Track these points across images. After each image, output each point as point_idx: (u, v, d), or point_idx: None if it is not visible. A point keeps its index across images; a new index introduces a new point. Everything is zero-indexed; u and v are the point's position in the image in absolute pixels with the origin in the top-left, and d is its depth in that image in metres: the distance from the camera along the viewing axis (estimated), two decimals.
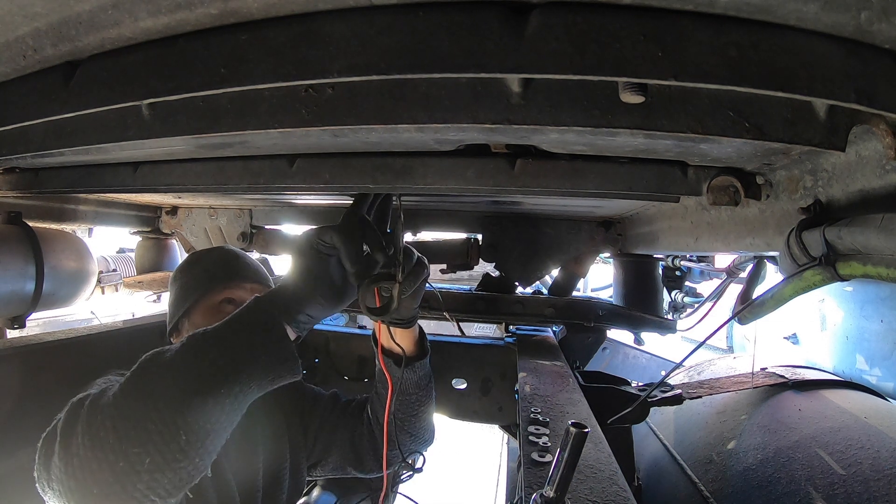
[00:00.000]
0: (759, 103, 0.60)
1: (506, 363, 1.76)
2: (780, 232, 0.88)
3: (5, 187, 1.35)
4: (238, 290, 1.15)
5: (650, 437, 1.65)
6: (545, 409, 1.02)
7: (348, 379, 1.83)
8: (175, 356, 0.74)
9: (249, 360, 0.75)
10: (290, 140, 0.86)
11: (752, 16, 0.49)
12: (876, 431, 1.14)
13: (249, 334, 0.78)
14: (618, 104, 0.58)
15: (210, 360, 0.73)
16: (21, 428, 1.09)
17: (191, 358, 0.74)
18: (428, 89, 0.62)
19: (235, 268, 1.19)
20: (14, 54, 0.70)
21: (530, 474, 0.75)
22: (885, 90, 0.53)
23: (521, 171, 0.91)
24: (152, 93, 0.65)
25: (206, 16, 0.58)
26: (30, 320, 1.46)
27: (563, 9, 0.50)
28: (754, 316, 0.98)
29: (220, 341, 0.76)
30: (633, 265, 1.89)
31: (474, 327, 2.45)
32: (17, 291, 1.37)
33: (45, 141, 0.87)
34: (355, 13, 0.55)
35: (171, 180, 1.13)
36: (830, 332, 2.19)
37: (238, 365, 0.74)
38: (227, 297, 1.14)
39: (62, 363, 1.20)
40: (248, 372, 0.74)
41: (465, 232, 1.92)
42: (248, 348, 0.76)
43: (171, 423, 0.68)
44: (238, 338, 0.77)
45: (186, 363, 0.73)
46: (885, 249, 0.63)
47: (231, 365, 0.74)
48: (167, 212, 2.20)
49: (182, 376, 0.71)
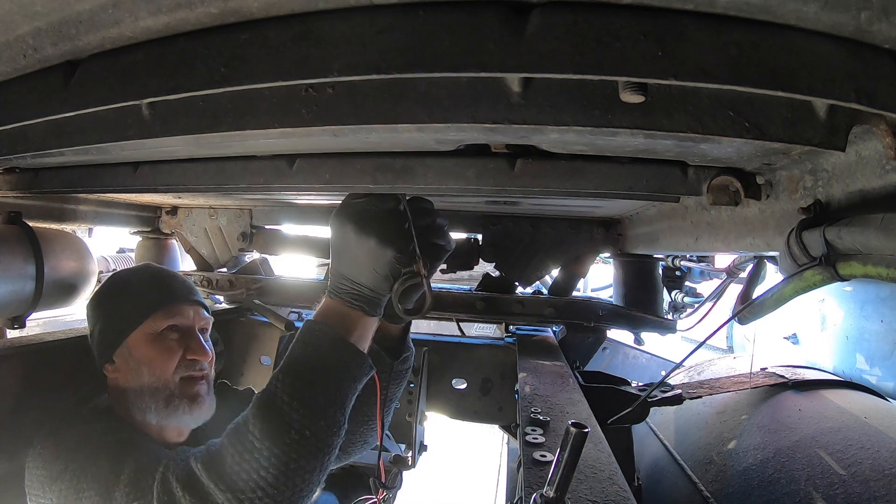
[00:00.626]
0: (759, 103, 0.60)
1: (506, 363, 1.76)
2: (780, 232, 0.88)
3: (5, 187, 1.35)
4: (179, 317, 1.09)
5: (650, 437, 1.65)
6: (545, 409, 1.02)
7: None
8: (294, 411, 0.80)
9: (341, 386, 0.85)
10: (290, 140, 0.86)
11: (752, 15, 0.49)
12: (876, 431, 1.14)
13: (328, 371, 0.84)
14: (618, 104, 0.58)
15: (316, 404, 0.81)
16: (21, 428, 1.09)
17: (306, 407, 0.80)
18: (428, 89, 0.62)
19: (171, 290, 1.12)
20: (14, 53, 0.70)
21: (530, 474, 0.75)
22: (885, 90, 0.53)
23: (521, 171, 0.91)
24: (152, 92, 0.65)
25: (207, 15, 0.58)
26: (30, 320, 1.46)
27: (563, 8, 0.50)
28: (754, 316, 0.98)
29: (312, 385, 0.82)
30: (633, 265, 1.88)
31: (474, 327, 2.45)
32: (17, 291, 1.36)
33: (44, 141, 0.87)
34: (355, 12, 0.55)
35: (171, 180, 1.13)
36: (830, 332, 2.19)
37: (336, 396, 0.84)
38: (171, 324, 1.08)
39: (62, 363, 1.20)
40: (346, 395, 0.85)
41: (465, 232, 1.92)
42: (336, 382, 0.84)
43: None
44: (328, 375, 0.84)
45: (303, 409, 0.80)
46: (885, 249, 0.63)
47: (334, 397, 0.83)
48: (167, 212, 2.19)
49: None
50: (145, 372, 1.04)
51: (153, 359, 1.04)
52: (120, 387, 1.07)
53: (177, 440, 1.10)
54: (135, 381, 1.05)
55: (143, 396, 1.04)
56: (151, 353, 1.05)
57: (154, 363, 1.04)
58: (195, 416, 1.07)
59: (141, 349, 1.05)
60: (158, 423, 1.06)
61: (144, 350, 1.05)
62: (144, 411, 1.04)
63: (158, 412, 1.04)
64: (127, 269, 1.28)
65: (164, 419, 1.05)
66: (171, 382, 1.04)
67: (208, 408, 1.09)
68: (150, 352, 1.05)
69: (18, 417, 1.10)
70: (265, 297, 2.01)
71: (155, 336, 1.06)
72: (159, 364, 1.04)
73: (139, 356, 1.05)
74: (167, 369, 1.04)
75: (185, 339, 1.08)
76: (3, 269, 1.31)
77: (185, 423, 1.09)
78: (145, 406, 1.04)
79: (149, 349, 1.05)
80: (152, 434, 1.06)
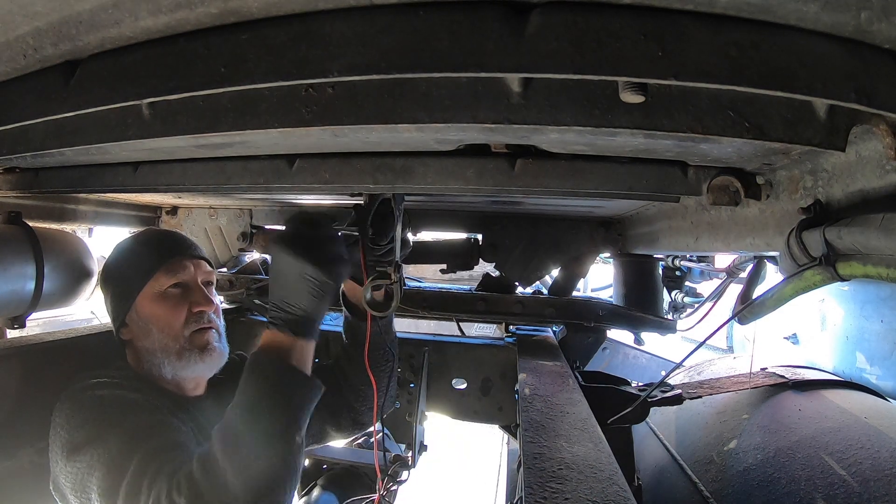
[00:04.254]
0: (759, 103, 0.60)
1: (506, 363, 1.76)
2: (781, 232, 0.88)
3: (5, 187, 1.35)
4: (181, 273, 1.13)
5: (650, 437, 1.65)
6: (545, 409, 1.02)
7: None
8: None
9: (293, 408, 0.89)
10: (290, 140, 0.86)
11: (752, 15, 0.49)
12: (876, 431, 1.14)
13: (276, 397, 0.87)
14: (618, 104, 0.58)
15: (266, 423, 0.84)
16: (21, 428, 1.09)
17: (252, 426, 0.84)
18: (428, 89, 0.62)
19: (171, 248, 1.16)
20: (14, 53, 0.70)
21: (530, 474, 0.75)
22: (885, 90, 0.53)
23: (521, 171, 0.91)
24: (152, 92, 0.65)
25: (207, 15, 0.58)
26: (30, 320, 1.46)
27: (563, 8, 0.50)
28: (754, 316, 0.98)
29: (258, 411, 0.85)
30: (633, 265, 1.88)
31: (474, 327, 2.45)
32: (17, 291, 1.36)
33: (45, 140, 0.86)
34: (355, 13, 0.55)
35: (171, 180, 1.13)
36: (830, 332, 2.19)
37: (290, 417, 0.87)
38: (174, 281, 1.12)
39: (62, 363, 1.20)
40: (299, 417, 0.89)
41: (465, 232, 1.92)
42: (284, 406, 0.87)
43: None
44: (274, 400, 0.87)
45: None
46: (885, 249, 0.63)
47: (286, 421, 0.87)
48: (167, 212, 2.19)
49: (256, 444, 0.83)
50: (155, 330, 1.09)
51: (160, 317, 1.09)
52: (136, 348, 1.12)
53: (194, 393, 1.15)
54: (147, 340, 1.10)
55: (156, 353, 1.09)
56: (158, 311, 1.09)
57: (161, 321, 1.09)
58: (208, 363, 1.11)
59: (148, 309, 1.10)
60: (175, 377, 1.11)
61: (151, 309, 1.10)
62: (160, 367, 1.09)
63: (173, 366, 1.09)
64: (128, 236, 1.33)
65: (180, 371, 1.10)
66: (181, 337, 1.09)
67: (219, 355, 1.14)
68: (156, 310, 1.09)
69: (18, 417, 1.09)
70: (265, 297, 2.00)
71: (159, 295, 1.11)
72: (167, 321, 1.09)
73: (147, 316, 1.10)
74: (175, 325, 1.09)
75: (188, 294, 1.13)
76: (3, 269, 1.31)
77: (199, 373, 1.13)
78: (159, 362, 1.09)
79: (155, 308, 1.10)
80: (170, 386, 1.11)
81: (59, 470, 0.92)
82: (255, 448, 0.82)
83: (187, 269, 1.15)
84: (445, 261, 1.87)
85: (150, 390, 1.05)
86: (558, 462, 0.78)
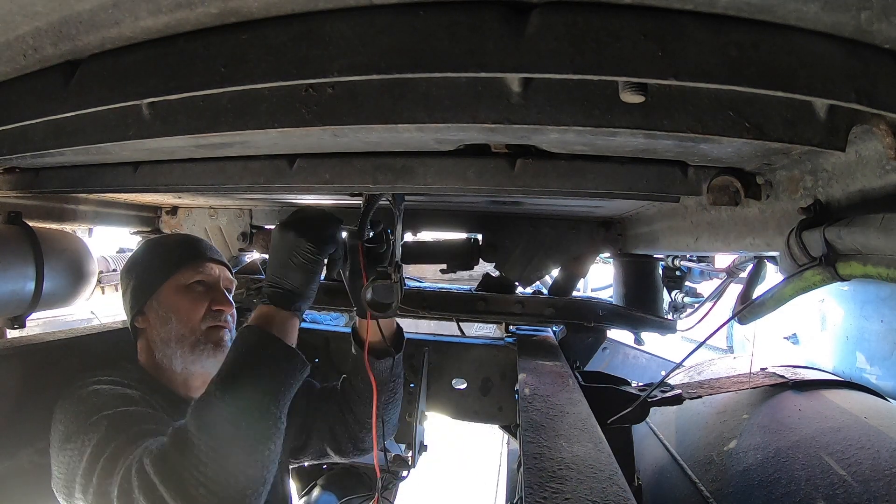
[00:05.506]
0: (759, 103, 0.60)
1: (506, 363, 1.75)
2: (780, 232, 0.88)
3: (5, 187, 1.35)
4: (206, 273, 1.19)
5: (650, 437, 1.65)
6: (545, 409, 1.02)
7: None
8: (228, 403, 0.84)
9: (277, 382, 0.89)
10: (290, 140, 0.86)
11: (752, 16, 0.49)
12: (876, 431, 1.14)
13: (261, 367, 0.89)
14: (618, 104, 0.58)
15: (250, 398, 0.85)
16: (21, 428, 1.09)
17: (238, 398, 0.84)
18: (428, 89, 0.62)
19: (199, 249, 1.24)
20: (14, 53, 0.70)
21: (530, 474, 0.75)
22: (885, 90, 0.53)
23: (521, 171, 0.91)
24: (152, 92, 0.65)
25: (207, 15, 0.58)
26: (30, 320, 1.46)
27: (563, 8, 0.50)
28: (754, 316, 0.98)
29: (246, 381, 0.86)
30: (633, 265, 1.88)
31: (474, 327, 2.45)
32: (17, 291, 1.36)
33: (45, 140, 0.87)
34: (355, 13, 0.55)
35: (171, 180, 1.13)
36: (830, 332, 2.19)
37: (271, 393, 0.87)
38: (199, 278, 1.17)
39: (62, 363, 1.20)
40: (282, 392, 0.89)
41: (465, 232, 1.92)
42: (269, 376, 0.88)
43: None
44: (259, 370, 0.88)
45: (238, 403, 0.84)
46: (885, 249, 0.63)
47: (265, 388, 0.87)
48: (167, 212, 2.19)
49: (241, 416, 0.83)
50: (174, 319, 1.13)
51: (181, 307, 1.13)
52: (149, 338, 1.15)
53: (198, 393, 1.16)
54: (163, 329, 1.13)
55: (170, 343, 1.12)
56: (180, 302, 1.14)
57: (182, 311, 1.13)
58: (219, 360, 1.12)
59: (171, 298, 1.14)
60: (184, 370, 1.13)
61: (174, 299, 1.14)
62: (171, 357, 1.12)
63: (184, 357, 1.12)
64: (155, 237, 1.40)
65: (190, 364, 1.12)
66: (197, 330, 1.13)
67: None
68: (179, 301, 1.14)
69: (18, 417, 1.09)
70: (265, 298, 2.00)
71: (184, 287, 1.16)
72: (187, 312, 1.13)
73: (168, 304, 1.14)
74: (194, 318, 1.13)
75: (210, 292, 1.17)
76: (3, 269, 1.31)
77: (208, 368, 1.14)
78: (171, 353, 1.12)
79: (178, 299, 1.14)
80: (177, 383, 1.14)
81: (55, 463, 0.92)
82: (227, 412, 0.81)
83: (213, 270, 1.20)
84: (445, 261, 1.87)
85: (150, 390, 1.06)
86: (558, 462, 0.78)
